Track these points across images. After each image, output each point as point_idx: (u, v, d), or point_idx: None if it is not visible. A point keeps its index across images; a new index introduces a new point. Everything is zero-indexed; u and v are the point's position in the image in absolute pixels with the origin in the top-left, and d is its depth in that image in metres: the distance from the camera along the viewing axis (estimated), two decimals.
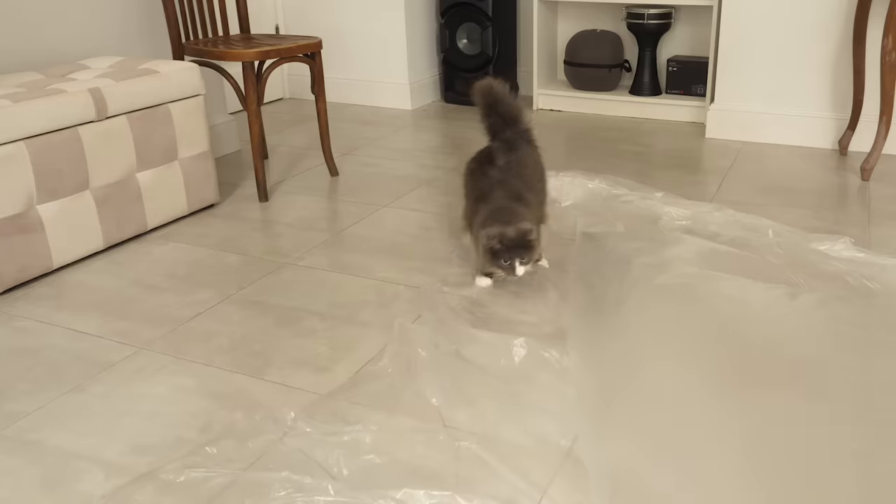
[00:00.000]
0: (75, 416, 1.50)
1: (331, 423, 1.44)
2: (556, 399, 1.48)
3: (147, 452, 1.39)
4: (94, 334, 1.80)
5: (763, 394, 1.42)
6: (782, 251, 2.05)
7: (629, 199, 2.45)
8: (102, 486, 1.31)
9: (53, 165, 2.03)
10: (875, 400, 1.40)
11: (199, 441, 1.42)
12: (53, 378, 1.63)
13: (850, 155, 2.98)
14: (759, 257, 1.98)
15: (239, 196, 2.69)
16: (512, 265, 1.80)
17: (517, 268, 1.80)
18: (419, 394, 1.53)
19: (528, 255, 1.80)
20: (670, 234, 2.13)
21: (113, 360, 1.69)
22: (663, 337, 1.63)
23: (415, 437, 1.41)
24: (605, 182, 2.55)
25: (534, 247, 1.81)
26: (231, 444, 1.40)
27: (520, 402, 1.49)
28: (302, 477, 1.30)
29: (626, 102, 3.63)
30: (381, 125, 3.60)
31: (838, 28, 2.93)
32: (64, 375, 1.64)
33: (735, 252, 2.00)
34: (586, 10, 3.81)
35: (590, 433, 1.36)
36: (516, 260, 1.79)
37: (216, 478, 1.31)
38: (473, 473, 1.31)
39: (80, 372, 1.65)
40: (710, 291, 1.78)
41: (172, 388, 1.59)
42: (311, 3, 3.95)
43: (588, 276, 1.92)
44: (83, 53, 2.58)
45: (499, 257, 1.80)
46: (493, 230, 1.79)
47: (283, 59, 2.59)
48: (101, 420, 1.49)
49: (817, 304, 1.73)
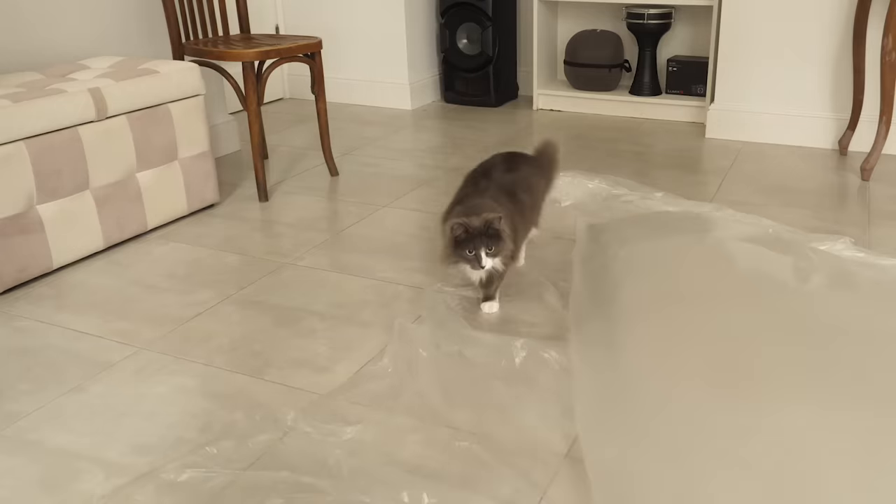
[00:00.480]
0: (75, 416, 1.50)
1: (331, 423, 1.44)
2: (556, 400, 1.48)
3: (147, 452, 1.39)
4: (94, 334, 1.80)
5: (760, 392, 1.42)
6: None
7: (629, 199, 2.45)
8: (102, 485, 1.31)
9: (53, 165, 2.03)
10: (874, 394, 1.41)
11: (199, 441, 1.41)
12: (53, 378, 1.63)
13: (850, 155, 2.98)
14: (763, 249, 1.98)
15: (239, 196, 2.69)
16: (477, 255, 1.69)
17: (483, 258, 1.69)
18: (419, 394, 1.53)
19: (494, 245, 1.70)
20: (673, 225, 2.14)
21: (113, 361, 1.69)
22: (663, 336, 1.63)
23: (415, 437, 1.41)
24: (605, 182, 2.56)
25: (501, 237, 1.70)
26: (231, 444, 1.40)
27: (520, 402, 1.49)
28: (302, 476, 1.30)
29: (626, 102, 3.63)
30: (381, 125, 3.60)
31: (838, 28, 2.94)
32: (64, 375, 1.64)
33: (739, 244, 2.01)
34: (586, 10, 3.81)
35: (590, 434, 1.36)
36: (482, 250, 1.68)
37: (216, 478, 1.31)
38: (473, 473, 1.31)
39: (80, 372, 1.65)
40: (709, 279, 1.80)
41: (172, 388, 1.59)
42: (311, 3, 3.95)
43: (589, 276, 1.93)
44: (83, 53, 2.58)
45: (463, 247, 1.69)
46: (458, 219, 1.70)
47: (283, 59, 2.59)
48: (102, 420, 1.49)
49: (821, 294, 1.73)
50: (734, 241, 2.00)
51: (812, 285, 1.81)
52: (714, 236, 2.04)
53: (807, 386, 1.44)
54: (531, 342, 1.63)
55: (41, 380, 1.62)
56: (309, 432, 1.42)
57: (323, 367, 1.65)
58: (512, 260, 1.85)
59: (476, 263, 1.70)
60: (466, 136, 3.37)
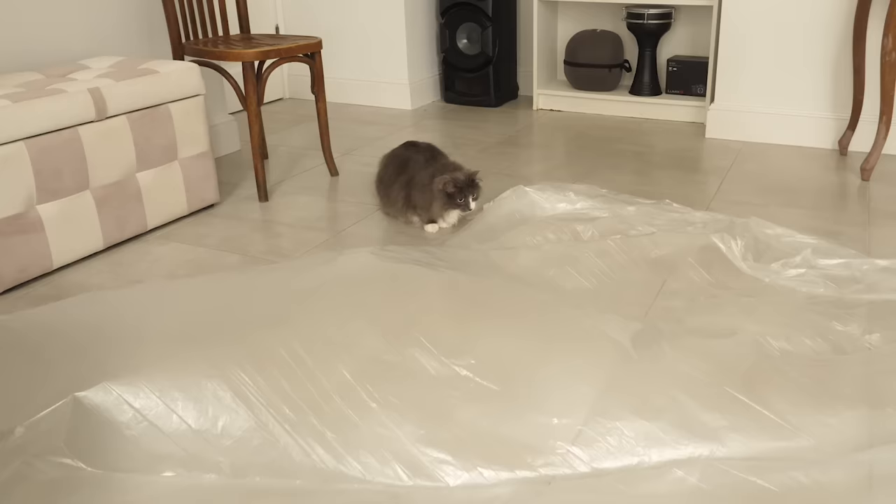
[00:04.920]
0: None
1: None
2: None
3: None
4: None
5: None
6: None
7: (598, 215, 2.28)
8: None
9: (53, 165, 2.03)
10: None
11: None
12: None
13: (850, 155, 2.98)
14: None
15: (239, 196, 2.69)
16: (466, 202, 2.23)
17: (470, 203, 2.23)
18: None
19: (476, 192, 2.25)
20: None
21: None
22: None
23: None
24: (579, 194, 2.39)
25: (479, 186, 2.26)
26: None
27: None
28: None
29: (626, 102, 3.63)
30: (381, 125, 3.60)
31: (838, 28, 2.94)
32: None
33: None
34: (586, 10, 3.81)
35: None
36: (469, 197, 2.23)
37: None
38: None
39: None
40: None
41: None
42: (311, 3, 3.95)
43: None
44: (83, 53, 2.58)
45: (455, 197, 2.22)
46: (445, 177, 2.21)
47: (283, 59, 2.59)
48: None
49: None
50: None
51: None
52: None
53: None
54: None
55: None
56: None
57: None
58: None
59: (465, 208, 2.24)
60: (466, 136, 3.37)
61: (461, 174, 2.23)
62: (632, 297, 1.86)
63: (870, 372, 1.50)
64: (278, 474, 1.28)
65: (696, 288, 1.89)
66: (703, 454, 1.30)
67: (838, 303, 1.78)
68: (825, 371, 1.51)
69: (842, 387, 1.45)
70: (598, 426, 1.34)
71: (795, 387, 1.45)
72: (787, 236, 2.09)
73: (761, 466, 1.25)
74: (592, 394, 1.41)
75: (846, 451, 1.29)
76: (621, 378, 1.46)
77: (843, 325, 1.69)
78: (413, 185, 2.32)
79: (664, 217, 2.24)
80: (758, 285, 1.89)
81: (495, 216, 2.31)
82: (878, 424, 1.35)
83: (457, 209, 2.26)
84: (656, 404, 1.38)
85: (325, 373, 1.43)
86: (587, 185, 2.52)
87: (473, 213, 2.31)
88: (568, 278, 1.92)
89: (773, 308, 1.77)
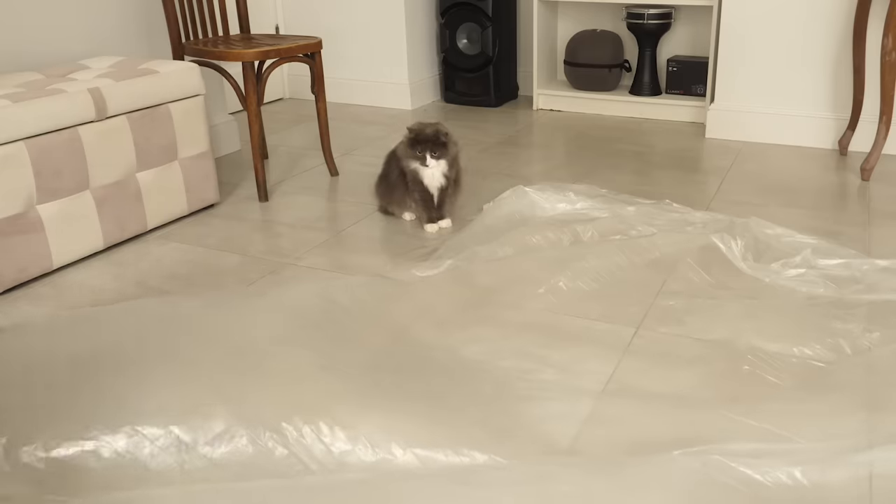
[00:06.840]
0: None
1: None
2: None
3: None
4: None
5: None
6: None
7: (597, 216, 2.28)
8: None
9: (53, 165, 2.03)
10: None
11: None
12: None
13: (850, 155, 2.98)
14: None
15: (239, 196, 2.69)
16: (423, 156, 2.13)
17: (427, 159, 2.13)
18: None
19: (439, 151, 2.14)
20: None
21: None
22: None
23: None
24: (579, 194, 2.39)
25: (446, 145, 2.15)
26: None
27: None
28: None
29: (626, 102, 3.63)
30: (381, 125, 3.60)
31: (838, 28, 2.94)
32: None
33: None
34: (586, 10, 3.81)
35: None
36: (427, 152, 2.13)
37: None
38: None
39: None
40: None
41: None
42: (311, 3, 3.95)
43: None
44: (83, 53, 2.58)
45: (414, 147, 2.14)
46: (414, 125, 2.17)
47: (283, 59, 2.59)
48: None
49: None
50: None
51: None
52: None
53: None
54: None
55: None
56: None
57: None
58: (456, 185, 2.31)
59: (422, 162, 2.14)
60: (466, 136, 3.37)
61: (428, 126, 2.16)
62: (632, 298, 1.86)
63: (870, 373, 1.50)
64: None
65: (695, 288, 1.89)
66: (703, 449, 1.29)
67: (838, 303, 1.78)
68: (825, 372, 1.51)
69: (841, 387, 1.45)
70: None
71: (794, 388, 1.45)
72: (787, 236, 2.09)
73: (761, 464, 1.25)
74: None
75: (846, 451, 1.29)
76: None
77: (843, 325, 1.69)
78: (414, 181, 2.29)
79: (664, 217, 2.24)
80: (758, 285, 1.89)
81: (495, 217, 2.31)
82: (877, 425, 1.35)
83: (416, 162, 2.17)
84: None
85: None
86: (587, 185, 2.53)
87: (434, 169, 2.19)
88: (567, 281, 1.91)
89: (774, 308, 1.77)
